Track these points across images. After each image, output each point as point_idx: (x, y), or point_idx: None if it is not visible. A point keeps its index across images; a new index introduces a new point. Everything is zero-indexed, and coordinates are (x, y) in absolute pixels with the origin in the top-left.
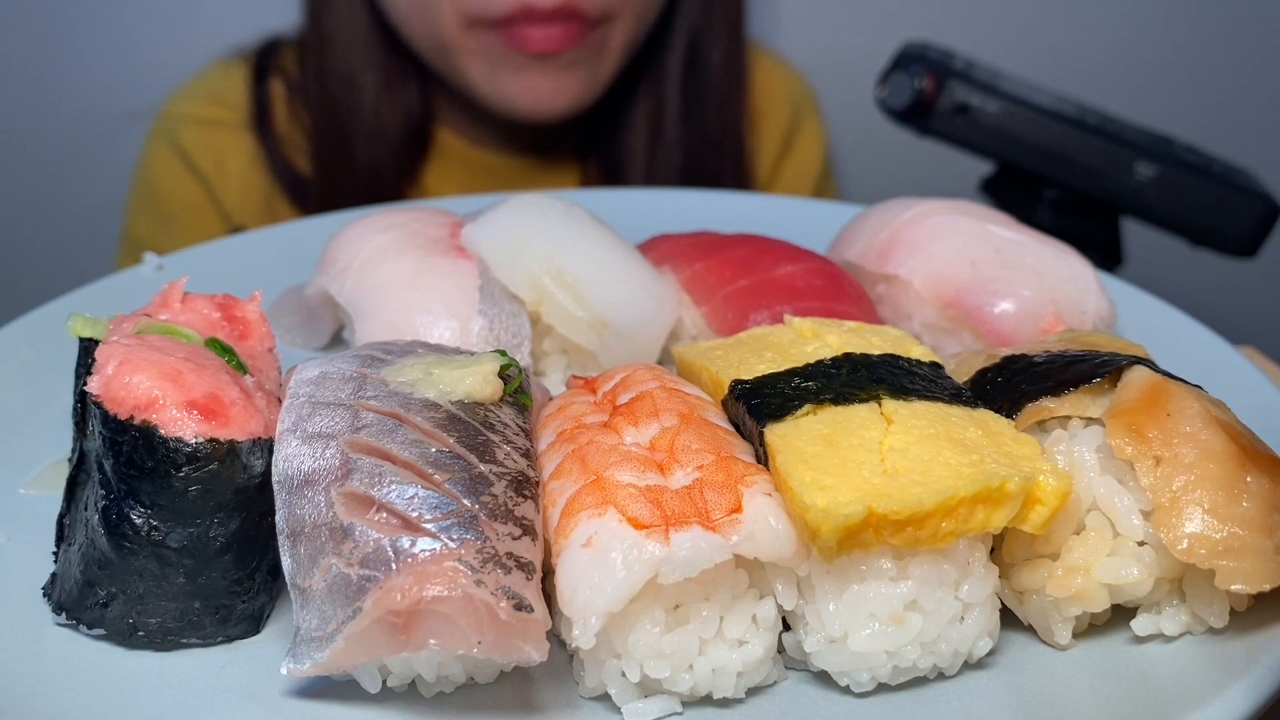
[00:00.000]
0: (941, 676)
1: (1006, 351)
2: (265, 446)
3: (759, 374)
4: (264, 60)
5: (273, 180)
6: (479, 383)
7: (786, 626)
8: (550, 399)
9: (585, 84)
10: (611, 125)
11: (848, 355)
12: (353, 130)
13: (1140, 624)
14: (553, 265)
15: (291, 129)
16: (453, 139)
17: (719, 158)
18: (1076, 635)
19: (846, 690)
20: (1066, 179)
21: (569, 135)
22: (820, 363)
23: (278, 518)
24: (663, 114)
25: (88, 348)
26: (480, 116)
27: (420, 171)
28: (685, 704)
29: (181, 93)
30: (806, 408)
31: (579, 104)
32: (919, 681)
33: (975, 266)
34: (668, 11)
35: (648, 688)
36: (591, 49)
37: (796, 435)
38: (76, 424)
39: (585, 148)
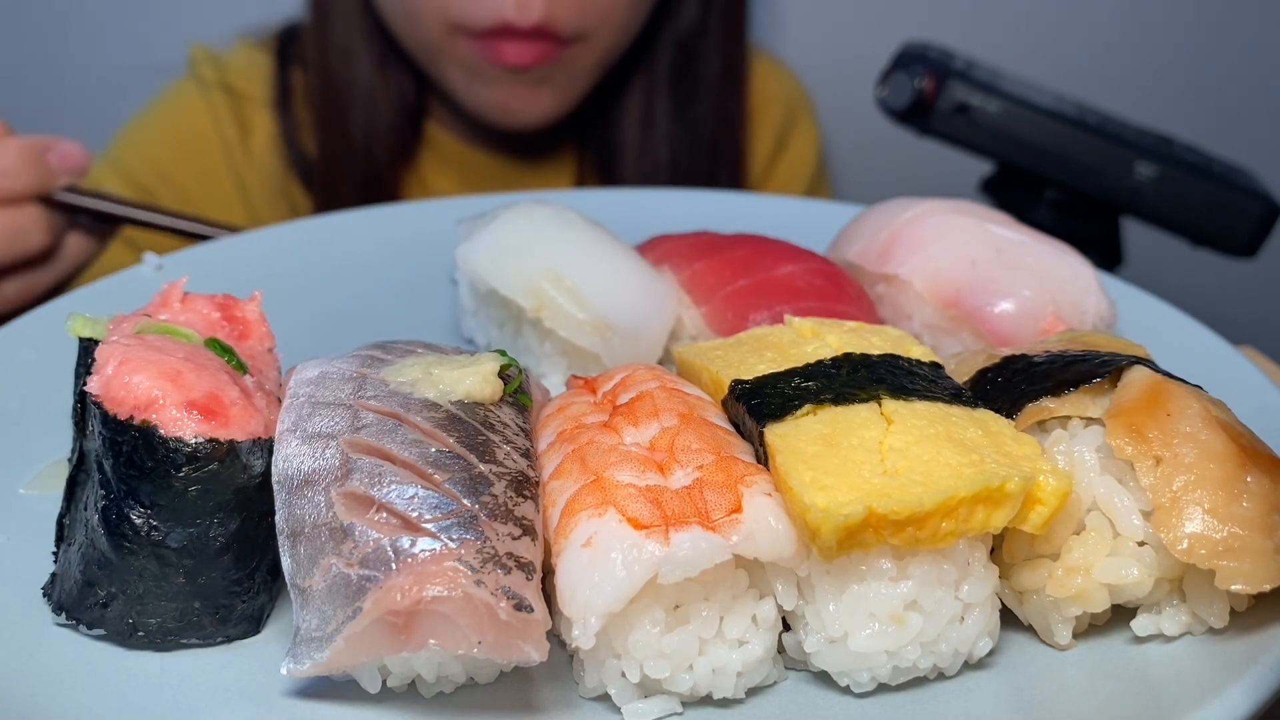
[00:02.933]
0: (941, 676)
1: (1006, 351)
2: (265, 446)
3: (759, 374)
4: (285, 47)
5: (288, 163)
6: (479, 383)
7: (786, 626)
8: (550, 399)
9: (554, 99)
10: (604, 122)
11: (848, 355)
12: (350, 103)
13: (1140, 624)
14: (551, 270)
15: (306, 113)
16: (446, 136)
17: (714, 159)
18: (1076, 635)
19: (846, 690)
20: (1066, 179)
21: (562, 133)
22: (820, 363)
23: (278, 518)
24: (653, 112)
25: (88, 348)
26: (470, 116)
27: (416, 163)
28: (685, 704)
29: (212, 58)
30: (806, 408)
31: (547, 117)
32: (919, 681)
33: (975, 266)
34: (658, 14)
35: (648, 688)
36: (563, 67)
37: (796, 435)
38: (76, 424)
39: (578, 145)
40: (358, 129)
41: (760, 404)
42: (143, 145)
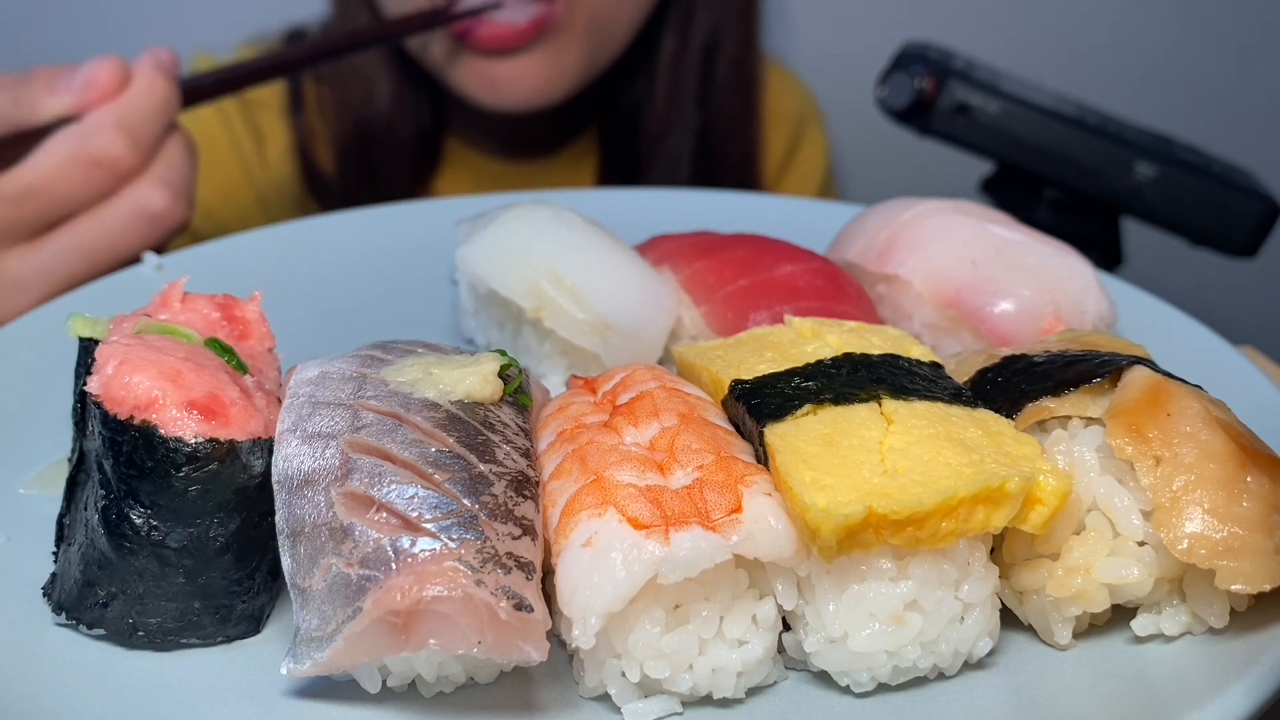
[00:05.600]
0: (941, 676)
1: (1006, 351)
2: (265, 446)
3: (759, 374)
4: None
5: (304, 175)
6: (479, 383)
7: (786, 626)
8: (550, 399)
9: (541, 69)
10: (625, 135)
11: (848, 355)
12: (370, 137)
13: (1140, 624)
14: (550, 270)
15: (320, 125)
16: (465, 148)
17: (724, 163)
18: (1076, 635)
19: (846, 690)
20: (1066, 179)
21: (582, 142)
22: (820, 363)
23: (278, 518)
24: (679, 128)
25: (88, 348)
26: (490, 124)
27: (433, 180)
28: (685, 704)
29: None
30: (806, 408)
31: (538, 92)
32: (919, 681)
33: (975, 266)
34: (686, 17)
35: (648, 688)
36: (557, 33)
37: (796, 435)
38: (76, 424)
39: (598, 155)
40: (379, 162)
41: (760, 404)
42: None
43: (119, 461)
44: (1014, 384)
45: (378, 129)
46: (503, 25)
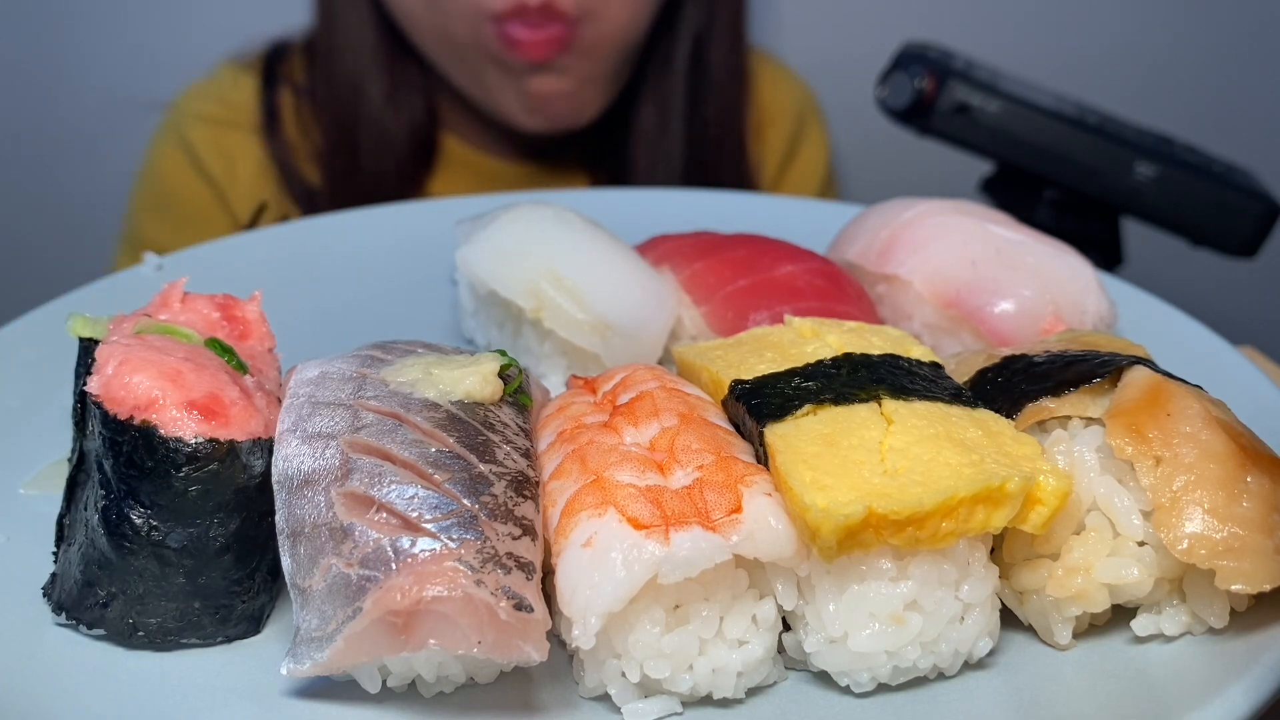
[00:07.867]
0: (941, 676)
1: (1006, 351)
2: (265, 446)
3: (759, 374)
4: (272, 66)
5: (282, 188)
6: (479, 383)
7: (786, 626)
8: (550, 399)
9: (583, 87)
10: (618, 130)
11: (848, 355)
12: (359, 138)
13: (1140, 624)
14: (550, 271)
15: (300, 138)
16: (459, 145)
17: (720, 156)
18: (1076, 635)
19: (846, 690)
20: (1066, 179)
21: (575, 141)
22: (820, 363)
23: (278, 518)
24: (669, 119)
25: (88, 348)
26: (486, 122)
27: (426, 180)
28: (685, 704)
29: (191, 92)
30: (806, 408)
31: (582, 109)
32: (919, 681)
33: (975, 266)
34: (672, 15)
35: (648, 688)
36: (580, 55)
37: (796, 435)
38: (76, 424)
39: (592, 153)
40: (367, 162)
41: (760, 404)
42: (146, 227)
43: (119, 461)
44: (1014, 384)
45: (368, 130)
46: (539, 35)
